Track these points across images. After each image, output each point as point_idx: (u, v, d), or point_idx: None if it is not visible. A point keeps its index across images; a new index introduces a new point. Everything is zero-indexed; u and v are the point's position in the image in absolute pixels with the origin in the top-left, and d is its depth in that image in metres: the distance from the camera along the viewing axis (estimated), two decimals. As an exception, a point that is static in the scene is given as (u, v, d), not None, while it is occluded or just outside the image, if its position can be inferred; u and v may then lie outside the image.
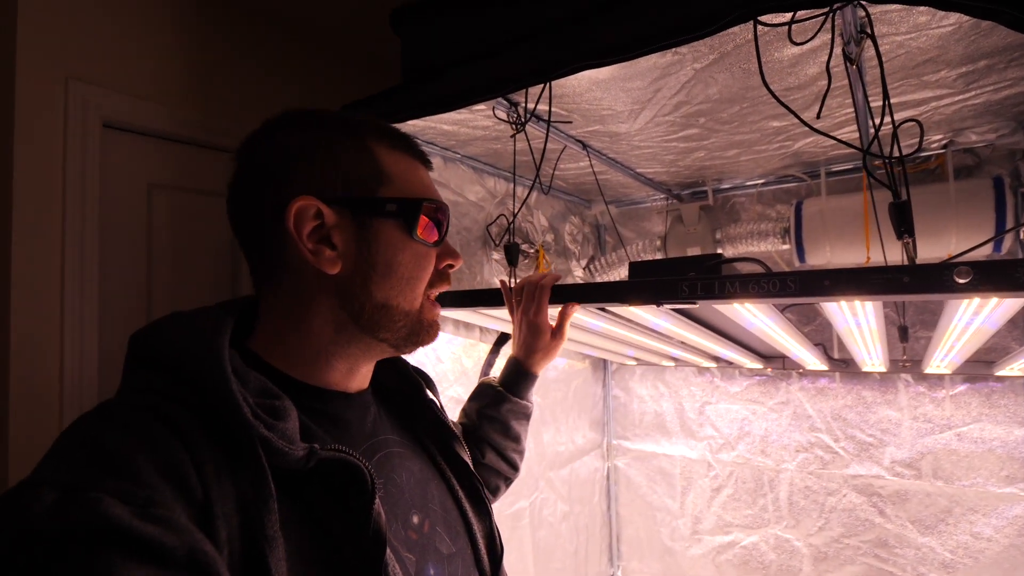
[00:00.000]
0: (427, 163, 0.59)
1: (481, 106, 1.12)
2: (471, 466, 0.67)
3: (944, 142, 1.37)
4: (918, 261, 0.80)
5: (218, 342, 0.44)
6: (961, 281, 0.60)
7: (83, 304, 1.24)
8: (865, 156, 0.72)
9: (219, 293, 1.58)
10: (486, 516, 0.65)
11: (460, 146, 1.40)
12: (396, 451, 0.58)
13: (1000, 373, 1.38)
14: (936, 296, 0.63)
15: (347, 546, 0.44)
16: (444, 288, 0.59)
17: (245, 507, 0.39)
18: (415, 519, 0.55)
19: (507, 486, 0.90)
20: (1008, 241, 1.36)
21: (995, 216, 1.34)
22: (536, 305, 0.91)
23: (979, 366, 1.45)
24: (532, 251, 1.66)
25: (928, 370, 1.38)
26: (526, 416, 0.91)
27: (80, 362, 1.23)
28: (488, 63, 0.91)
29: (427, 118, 1.09)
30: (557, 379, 1.90)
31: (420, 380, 0.69)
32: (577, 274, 1.96)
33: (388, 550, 0.45)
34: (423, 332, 0.57)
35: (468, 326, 1.45)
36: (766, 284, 0.75)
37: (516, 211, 1.28)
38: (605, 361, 2.18)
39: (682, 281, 0.80)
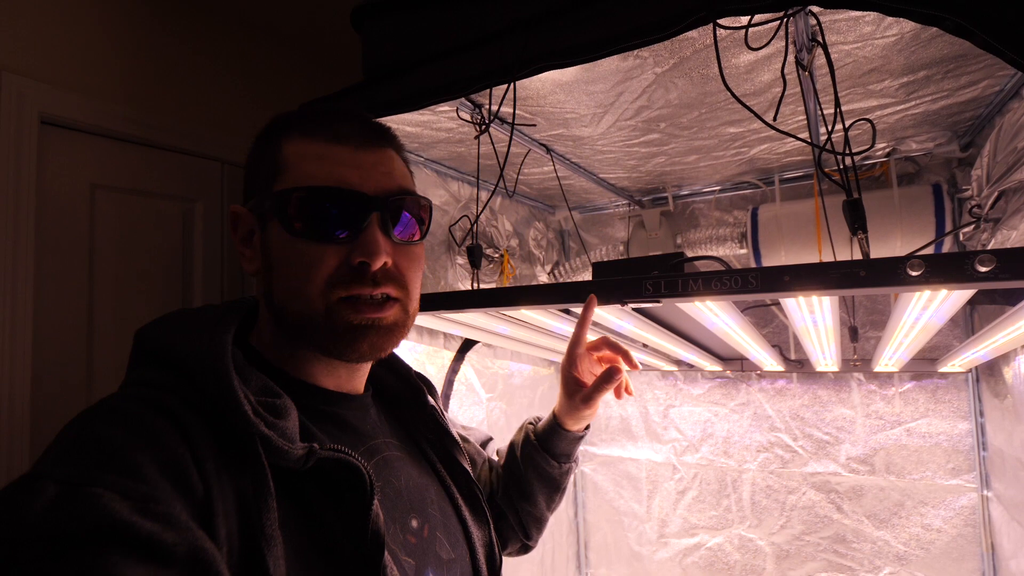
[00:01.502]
0: (345, 140, 0.51)
1: (444, 107, 1.11)
2: (471, 473, 0.66)
3: (888, 150, 1.44)
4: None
5: (221, 339, 0.44)
6: (914, 273, 0.62)
7: (14, 313, 1.15)
8: (820, 154, 0.74)
9: (169, 301, 1.50)
10: (485, 525, 0.64)
11: (423, 149, 1.38)
12: (395, 455, 0.58)
13: (943, 369, 1.45)
14: (890, 289, 0.65)
15: (345, 547, 0.44)
16: (362, 290, 0.49)
17: (244, 505, 0.39)
18: (414, 523, 0.54)
19: (517, 546, 0.80)
20: (948, 244, 1.44)
21: (935, 220, 1.41)
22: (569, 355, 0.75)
23: (924, 363, 1.52)
24: (497, 256, 1.65)
25: (877, 368, 1.44)
26: (550, 479, 0.75)
27: (10, 376, 1.14)
28: (452, 62, 0.90)
29: (389, 119, 1.07)
30: (523, 385, 1.89)
31: (421, 385, 0.67)
32: (542, 279, 1.96)
33: (386, 552, 0.45)
34: (343, 339, 0.49)
35: (432, 332, 1.42)
36: (728, 281, 0.76)
37: (479, 212, 1.26)
38: (571, 367, 2.18)
39: (646, 279, 0.81)
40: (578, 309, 0.97)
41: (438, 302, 1.01)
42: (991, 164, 1.07)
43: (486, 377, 1.70)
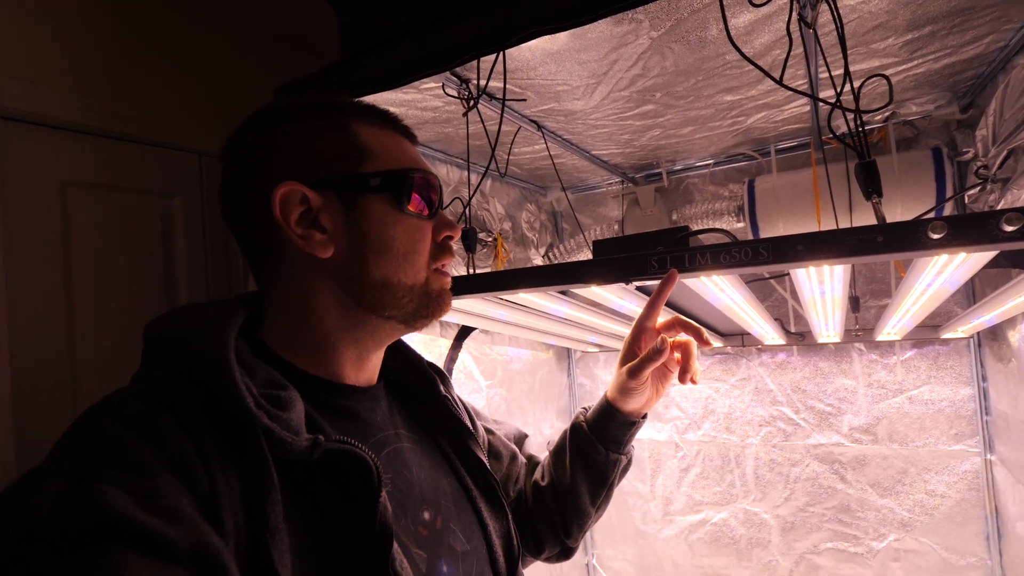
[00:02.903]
0: (411, 136, 0.58)
1: (430, 83, 1.05)
2: (487, 464, 0.64)
3: (887, 114, 1.41)
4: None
5: (224, 332, 0.44)
6: (935, 236, 0.59)
7: (-16, 319, 1.09)
8: (830, 115, 0.70)
9: (152, 300, 1.45)
10: (503, 516, 0.62)
11: (409, 130, 1.32)
12: (407, 446, 0.57)
13: (946, 336, 1.44)
14: (911, 254, 0.62)
15: (353, 539, 0.43)
16: (448, 259, 0.57)
17: (249, 498, 0.39)
18: (426, 515, 0.53)
19: (557, 548, 0.75)
20: (948, 209, 1.41)
21: (935, 185, 1.39)
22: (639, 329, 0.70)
23: (926, 330, 1.50)
24: (490, 239, 1.60)
25: (880, 337, 1.42)
26: (595, 468, 0.71)
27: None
28: (436, 33, 0.84)
29: (371, 98, 1.02)
30: (522, 370, 1.86)
31: (435, 376, 0.65)
32: (536, 261, 1.92)
33: (395, 544, 0.45)
34: (432, 304, 0.55)
35: (428, 320, 1.38)
36: (737, 253, 0.73)
37: (472, 194, 1.21)
38: (569, 350, 2.16)
39: (651, 256, 0.77)
40: (579, 290, 0.94)
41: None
42: (997, 123, 1.04)
43: (485, 364, 1.67)
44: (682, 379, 0.70)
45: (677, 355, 0.70)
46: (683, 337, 0.70)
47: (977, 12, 0.92)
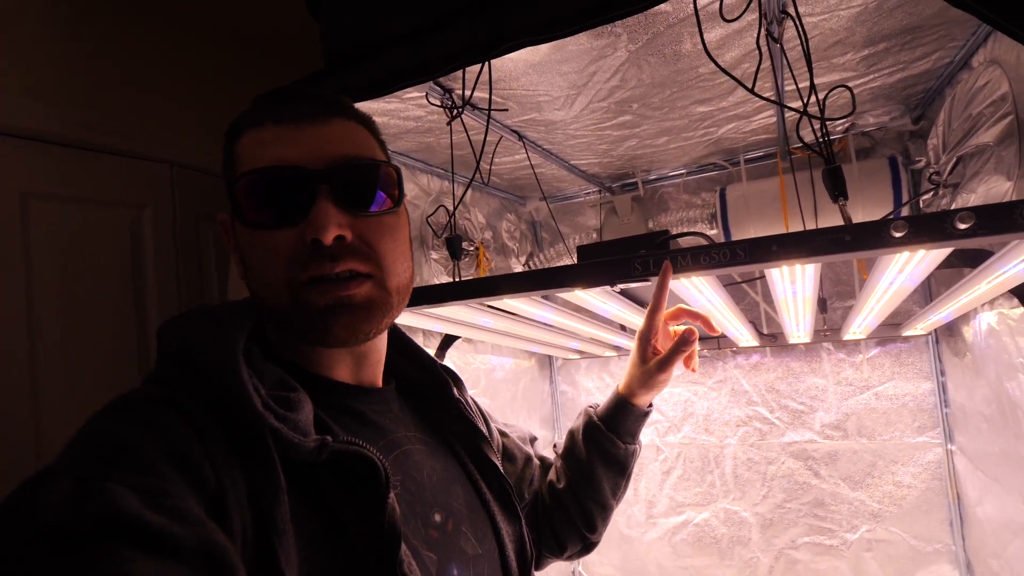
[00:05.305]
0: (289, 120, 0.48)
1: (413, 93, 1.07)
2: (500, 468, 0.64)
3: (846, 125, 1.49)
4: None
5: (232, 333, 0.44)
6: (897, 235, 0.63)
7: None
8: (798, 123, 0.75)
9: (120, 316, 1.40)
10: (516, 520, 0.62)
11: (390, 141, 1.33)
12: (418, 448, 0.56)
13: (907, 333, 1.52)
14: (875, 252, 0.67)
15: (361, 541, 0.43)
16: (321, 268, 0.46)
17: (256, 498, 0.39)
18: (437, 517, 0.53)
19: (579, 545, 0.77)
20: (905, 212, 1.50)
21: (892, 191, 1.47)
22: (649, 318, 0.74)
23: (888, 329, 1.58)
24: (472, 249, 1.62)
25: (846, 336, 1.49)
26: (615, 462, 0.75)
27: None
28: (421, 42, 0.86)
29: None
30: (505, 379, 1.87)
31: (447, 378, 0.65)
32: (517, 270, 1.94)
33: (404, 546, 0.44)
34: (314, 325, 0.48)
35: (410, 330, 1.39)
36: (717, 255, 0.76)
37: (457, 202, 1.23)
38: (550, 357, 2.18)
39: (635, 259, 0.80)
40: (563, 293, 0.96)
41: (420, 297, 0.98)
42: (946, 132, 1.12)
43: (468, 373, 1.67)
44: (687, 364, 0.75)
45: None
46: (687, 326, 0.75)
47: (926, 30, 0.99)
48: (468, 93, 0.97)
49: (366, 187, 0.50)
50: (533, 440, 0.84)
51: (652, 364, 0.72)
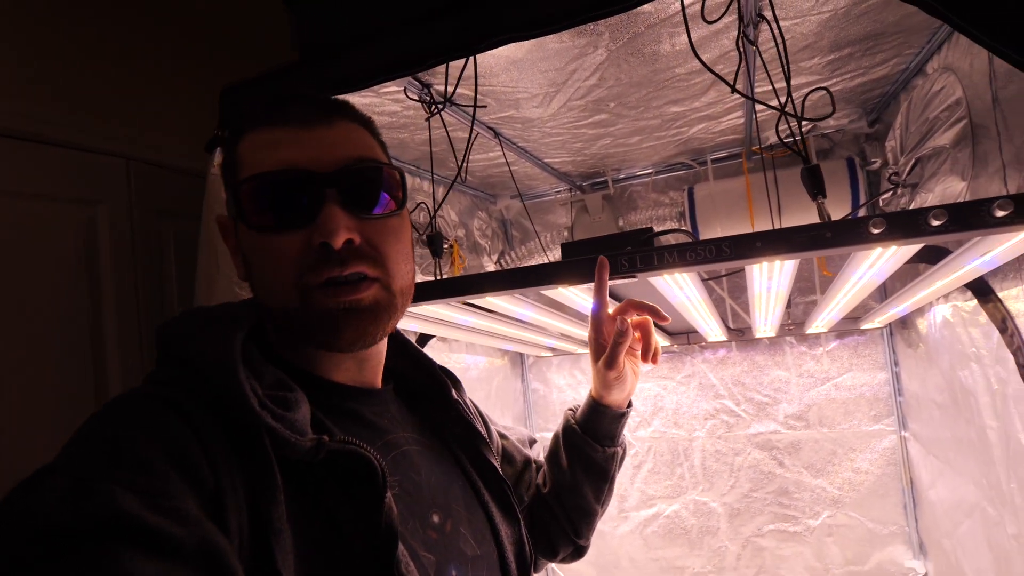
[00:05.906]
0: (291, 121, 0.48)
1: (391, 87, 1.04)
2: (499, 470, 0.63)
3: (808, 128, 1.55)
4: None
5: (229, 334, 0.44)
6: (875, 231, 0.66)
7: None
8: (780, 118, 0.77)
9: (74, 318, 1.31)
10: (515, 522, 0.62)
11: (364, 136, 1.30)
12: (416, 449, 0.56)
13: (865, 327, 1.60)
14: (854, 248, 0.69)
15: (358, 541, 0.43)
16: (331, 272, 0.46)
17: (253, 498, 0.39)
18: (435, 518, 0.52)
19: (570, 549, 0.76)
20: (863, 212, 1.57)
21: (851, 191, 1.54)
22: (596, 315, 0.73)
23: (847, 323, 1.66)
24: (446, 247, 1.60)
25: (810, 330, 1.55)
26: (594, 466, 0.72)
27: None
28: (404, 36, 0.84)
29: (331, 101, 0.99)
30: (479, 377, 1.86)
31: (446, 380, 0.65)
32: (489, 268, 1.93)
33: (402, 547, 0.44)
34: (323, 328, 0.47)
35: (386, 329, 1.35)
36: (702, 251, 0.77)
37: (441, 200, 1.21)
38: (521, 355, 2.18)
39: (621, 255, 0.80)
40: (546, 291, 0.96)
41: (401, 295, 0.95)
42: (904, 135, 1.18)
43: (442, 372, 1.65)
44: (645, 358, 0.72)
45: (637, 334, 0.73)
46: (637, 318, 0.72)
47: (886, 37, 1.04)
48: (452, 89, 0.95)
49: (372, 190, 0.50)
50: (532, 443, 0.83)
51: (601, 363, 0.70)
